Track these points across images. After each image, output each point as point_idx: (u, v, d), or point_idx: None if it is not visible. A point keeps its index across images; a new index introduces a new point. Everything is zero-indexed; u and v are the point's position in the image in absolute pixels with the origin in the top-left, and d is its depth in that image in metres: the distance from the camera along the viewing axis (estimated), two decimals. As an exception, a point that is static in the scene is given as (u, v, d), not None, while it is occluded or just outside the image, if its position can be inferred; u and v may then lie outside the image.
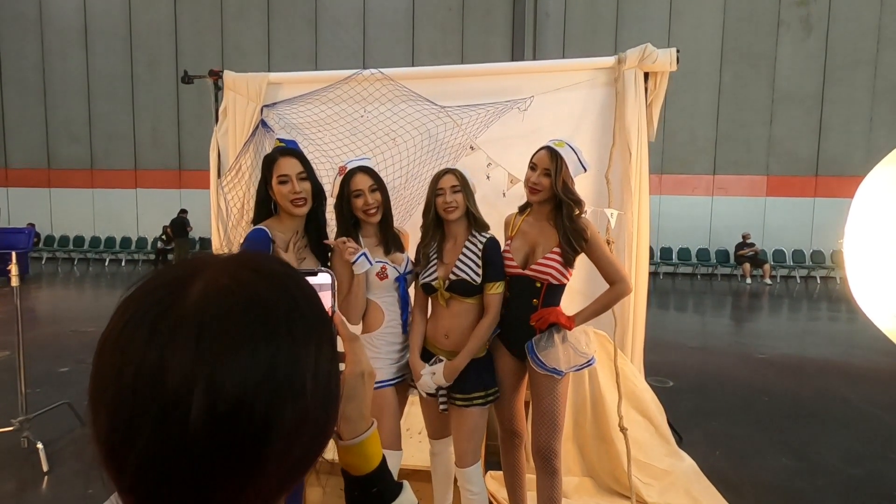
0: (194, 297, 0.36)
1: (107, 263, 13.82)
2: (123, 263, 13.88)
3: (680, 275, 12.90)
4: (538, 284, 1.84)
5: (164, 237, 13.19)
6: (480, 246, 1.87)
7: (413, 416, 2.83)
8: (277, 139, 1.90)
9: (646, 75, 2.95)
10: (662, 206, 11.95)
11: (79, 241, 14.38)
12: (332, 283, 0.64)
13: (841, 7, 12.34)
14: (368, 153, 3.09)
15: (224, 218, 3.30)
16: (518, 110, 3.02)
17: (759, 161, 12.90)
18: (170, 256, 13.12)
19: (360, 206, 1.87)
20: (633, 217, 2.90)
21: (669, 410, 3.07)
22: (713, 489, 2.67)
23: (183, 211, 12.82)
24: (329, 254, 1.90)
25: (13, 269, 2.94)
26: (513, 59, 12.72)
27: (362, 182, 1.86)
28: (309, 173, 1.79)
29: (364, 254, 1.83)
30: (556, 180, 1.80)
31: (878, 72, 12.36)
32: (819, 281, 12.50)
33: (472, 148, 3.06)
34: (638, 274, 2.89)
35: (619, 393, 2.54)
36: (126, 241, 14.27)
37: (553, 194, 1.83)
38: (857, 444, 3.32)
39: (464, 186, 1.87)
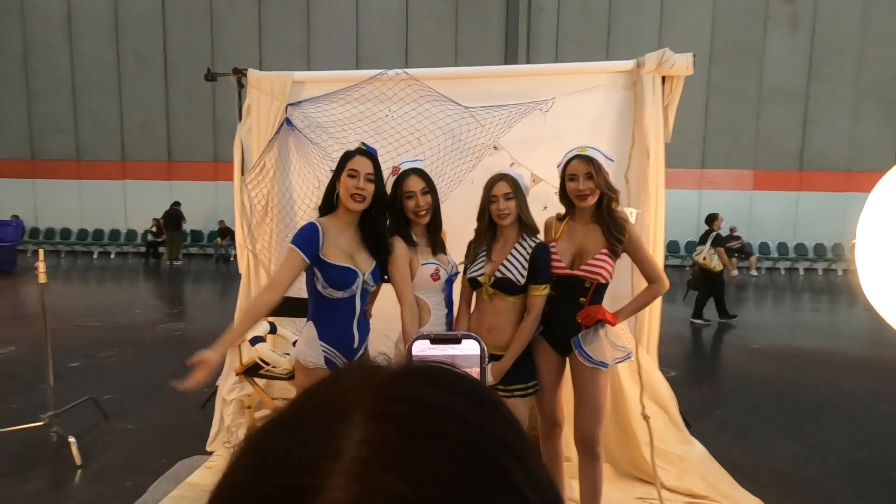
0: (342, 481, 0.21)
1: (95, 256, 13.62)
2: (113, 256, 13.70)
3: (669, 266, 13.16)
4: (587, 284, 1.95)
5: (154, 229, 13.04)
6: (529, 250, 1.97)
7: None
8: (362, 143, 1.97)
9: (662, 78, 3.06)
10: (653, 200, 12.17)
11: (65, 233, 14.16)
12: (482, 355, 0.50)
13: (827, 4, 12.61)
14: (393, 152, 3.15)
15: (248, 215, 3.34)
16: (540, 111, 3.11)
17: (746, 155, 13.20)
18: (161, 249, 13.00)
19: (412, 207, 1.95)
20: (651, 215, 3.02)
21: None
22: (726, 474, 2.82)
23: (176, 203, 12.68)
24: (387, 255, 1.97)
25: (41, 265, 2.95)
26: (506, 53, 12.79)
27: (415, 184, 1.94)
28: (378, 178, 1.88)
29: None
30: (599, 179, 1.92)
31: (862, 68, 12.69)
32: (802, 273, 12.88)
33: (495, 148, 3.15)
34: (655, 270, 3.02)
35: (640, 384, 2.66)
36: (115, 234, 14.08)
37: (599, 193, 1.94)
38: (857, 431, 3.52)
39: (516, 192, 1.96)
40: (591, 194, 1.94)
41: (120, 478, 2.76)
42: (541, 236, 2.13)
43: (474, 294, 2.09)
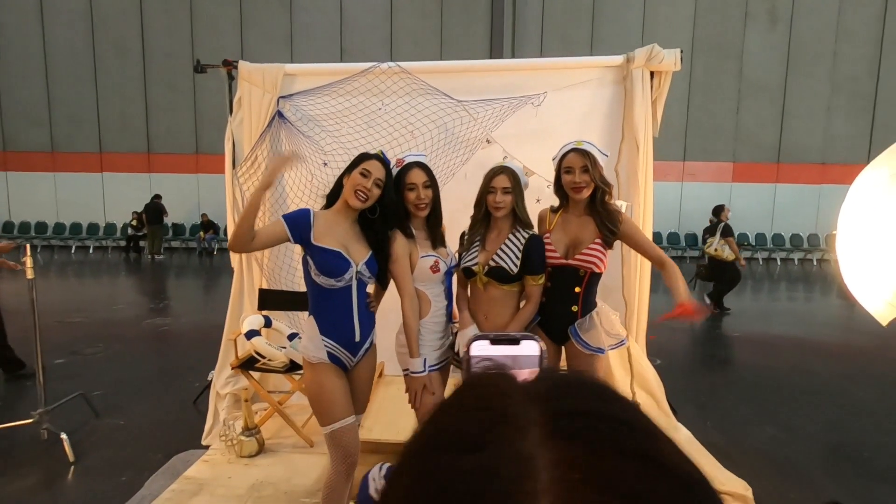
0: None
1: (73, 251, 13.32)
2: (92, 250, 13.40)
3: (651, 258, 13.42)
4: (581, 273, 2.01)
5: (134, 223, 12.79)
6: (523, 241, 2.02)
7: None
8: (380, 151, 1.99)
9: (651, 73, 3.13)
10: (636, 192, 12.38)
11: (41, 227, 13.79)
12: (541, 356, 0.51)
13: (804, 0, 12.89)
14: (386, 146, 3.17)
15: (239, 209, 3.32)
16: (532, 105, 3.15)
17: (726, 148, 13.47)
18: (141, 243, 12.77)
19: (412, 199, 1.98)
20: (640, 207, 3.10)
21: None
22: (711, 458, 2.92)
23: (157, 196, 12.44)
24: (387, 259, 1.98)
25: (28, 261, 2.91)
26: (492, 45, 12.79)
27: (417, 177, 1.97)
28: (387, 185, 1.90)
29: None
30: (594, 173, 1.97)
31: (837, 64, 13.02)
32: (779, 263, 13.23)
33: (488, 141, 3.18)
34: (643, 260, 3.10)
35: (631, 371, 2.75)
36: (93, 228, 13.77)
37: (594, 186, 1.99)
38: (831, 414, 3.68)
39: (514, 187, 2.00)
40: (586, 187, 2.00)
41: (114, 474, 2.76)
42: (534, 229, 2.18)
43: (469, 283, 2.13)
